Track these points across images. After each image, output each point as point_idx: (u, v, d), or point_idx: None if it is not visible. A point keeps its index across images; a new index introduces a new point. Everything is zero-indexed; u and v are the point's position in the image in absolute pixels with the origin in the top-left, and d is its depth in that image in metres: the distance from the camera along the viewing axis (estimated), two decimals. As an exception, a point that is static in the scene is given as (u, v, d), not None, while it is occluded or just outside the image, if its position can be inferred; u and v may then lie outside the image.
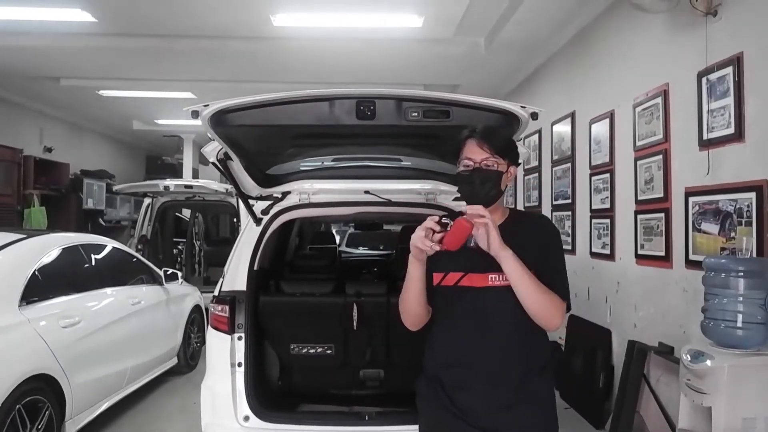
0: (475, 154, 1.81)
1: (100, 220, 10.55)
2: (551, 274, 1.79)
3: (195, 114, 2.15)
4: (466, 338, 1.81)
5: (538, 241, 1.84)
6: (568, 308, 1.85)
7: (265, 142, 2.68)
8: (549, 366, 1.92)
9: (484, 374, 1.79)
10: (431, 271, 1.84)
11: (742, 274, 2.53)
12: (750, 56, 2.90)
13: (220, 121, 2.22)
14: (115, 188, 8.91)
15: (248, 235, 3.19)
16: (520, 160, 2.70)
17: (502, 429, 1.77)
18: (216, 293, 3.08)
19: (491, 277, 1.78)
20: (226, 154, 2.63)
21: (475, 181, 1.80)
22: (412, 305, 1.88)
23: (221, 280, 3.12)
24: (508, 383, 1.78)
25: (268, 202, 3.24)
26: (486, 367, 1.79)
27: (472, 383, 1.80)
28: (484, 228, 1.70)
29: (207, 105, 2.14)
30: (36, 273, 3.60)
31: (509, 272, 1.71)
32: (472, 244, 1.76)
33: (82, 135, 11.00)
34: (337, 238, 8.76)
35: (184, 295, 5.82)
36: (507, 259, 1.70)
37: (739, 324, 2.51)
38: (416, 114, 2.15)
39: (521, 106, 2.13)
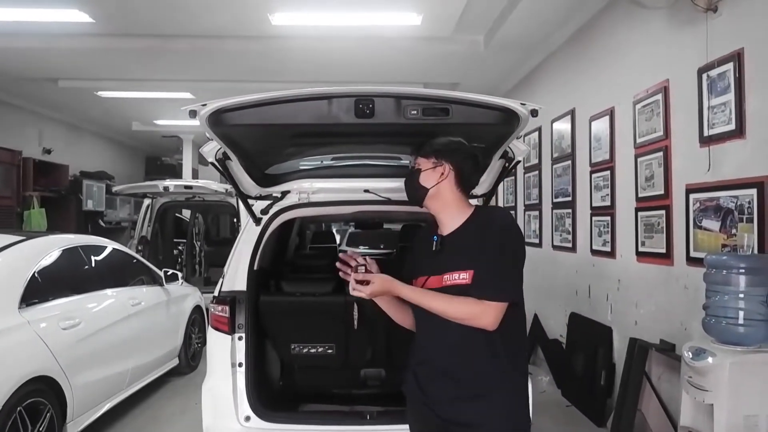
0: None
1: (100, 222, 10.53)
2: (483, 270, 1.81)
3: (193, 113, 2.14)
4: (431, 336, 1.94)
5: (482, 236, 1.86)
6: (513, 301, 1.84)
7: (263, 141, 2.66)
8: (518, 359, 1.96)
9: (445, 368, 1.91)
10: (410, 278, 1.98)
11: (743, 270, 2.52)
12: (751, 52, 2.89)
13: (218, 120, 2.20)
14: (114, 189, 8.90)
15: (248, 234, 3.17)
16: (520, 158, 2.70)
17: (465, 420, 1.86)
18: (216, 293, 3.07)
19: (446, 278, 1.88)
20: (224, 153, 2.61)
21: (405, 183, 2.04)
22: (399, 321, 2.10)
23: (221, 280, 3.11)
24: (468, 376, 1.87)
25: (268, 202, 3.22)
26: (447, 361, 1.90)
27: (438, 377, 1.92)
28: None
29: (205, 104, 2.13)
30: (36, 275, 3.58)
31: (411, 301, 1.90)
32: (434, 249, 1.93)
33: (82, 136, 10.98)
34: (338, 238, 8.75)
35: (185, 295, 5.81)
36: (400, 293, 1.89)
37: (741, 321, 2.51)
38: (415, 112, 2.14)
39: (521, 103, 2.11)
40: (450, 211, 1.96)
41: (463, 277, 1.83)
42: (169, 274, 5.40)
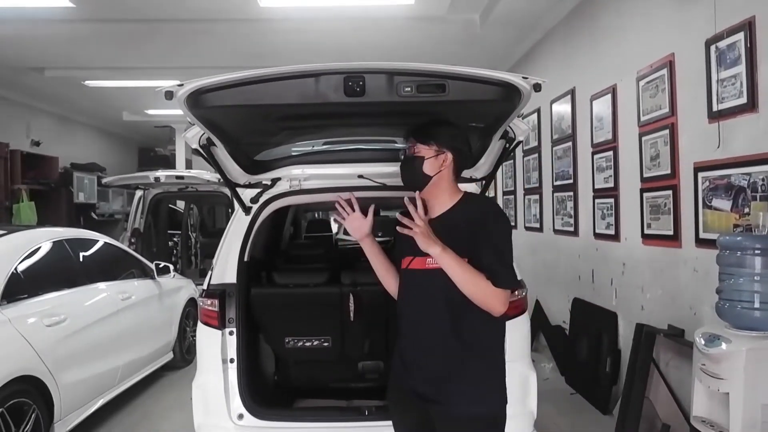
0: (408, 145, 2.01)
1: (93, 214, 10.41)
2: (488, 259, 1.84)
3: (169, 95, 2.01)
4: (413, 316, 2.00)
5: (475, 225, 1.88)
6: (515, 287, 2.06)
7: (249, 124, 2.52)
8: (495, 347, 2.00)
9: (423, 349, 1.96)
10: (399, 259, 2.04)
11: (759, 251, 2.40)
12: (763, 20, 2.73)
13: (197, 102, 2.07)
14: (104, 181, 8.78)
15: (237, 224, 3.04)
16: (521, 139, 2.55)
17: (437, 399, 1.91)
18: (205, 286, 2.94)
19: (429, 261, 1.89)
20: (209, 139, 2.48)
21: (402, 169, 2.06)
22: (382, 279, 2.18)
23: (210, 272, 2.98)
24: (443, 358, 1.91)
25: (257, 190, 3.08)
26: (424, 342, 1.96)
27: (416, 356, 1.98)
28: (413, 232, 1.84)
29: (182, 84, 1.99)
30: (17, 270, 3.46)
31: (443, 267, 1.83)
32: None
33: (71, 127, 10.81)
34: (335, 226, 8.63)
35: (178, 288, 5.69)
36: (438, 257, 1.82)
37: (757, 305, 2.40)
38: (409, 89, 2.00)
39: (522, 77, 1.98)
40: (443, 196, 1.98)
41: None
42: (160, 266, 5.28)
